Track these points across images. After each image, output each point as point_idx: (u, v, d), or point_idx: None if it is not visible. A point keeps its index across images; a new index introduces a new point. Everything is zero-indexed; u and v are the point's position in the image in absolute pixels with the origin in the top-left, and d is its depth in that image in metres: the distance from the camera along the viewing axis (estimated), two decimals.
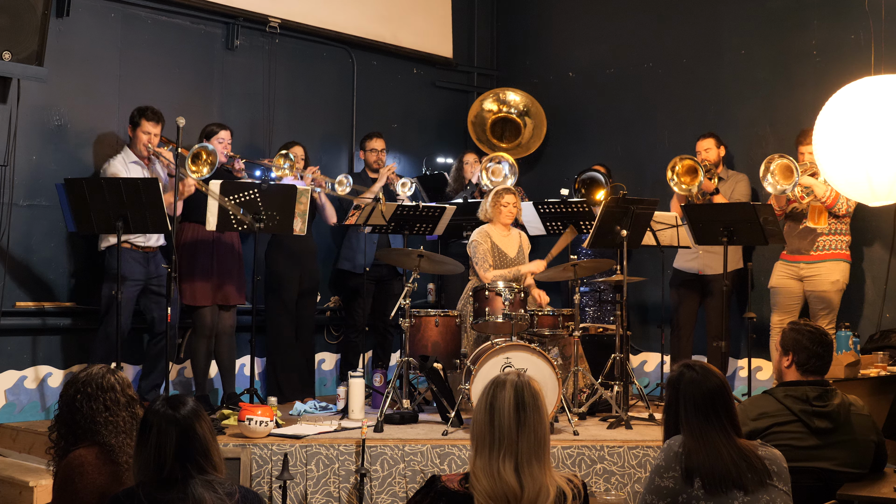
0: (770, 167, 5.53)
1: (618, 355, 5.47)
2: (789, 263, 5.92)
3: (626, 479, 4.67)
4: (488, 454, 2.35)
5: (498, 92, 7.71)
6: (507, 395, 2.38)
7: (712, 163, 6.25)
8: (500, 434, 2.35)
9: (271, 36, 6.66)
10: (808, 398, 3.30)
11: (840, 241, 5.81)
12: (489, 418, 2.37)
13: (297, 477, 4.60)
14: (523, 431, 2.35)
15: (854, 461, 3.28)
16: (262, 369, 6.36)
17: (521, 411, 2.36)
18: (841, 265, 5.80)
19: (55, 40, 5.43)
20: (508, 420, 2.35)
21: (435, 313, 5.53)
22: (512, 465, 2.33)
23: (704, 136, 6.34)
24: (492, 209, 5.83)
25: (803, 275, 5.85)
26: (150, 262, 5.44)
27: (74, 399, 2.86)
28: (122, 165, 5.36)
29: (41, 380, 5.50)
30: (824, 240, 5.80)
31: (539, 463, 2.35)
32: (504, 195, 5.83)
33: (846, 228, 5.84)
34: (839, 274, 5.78)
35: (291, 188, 5.50)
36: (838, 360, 4.88)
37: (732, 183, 6.26)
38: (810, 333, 3.38)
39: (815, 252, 5.80)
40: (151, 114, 5.42)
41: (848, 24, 6.21)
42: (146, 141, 5.40)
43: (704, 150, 6.30)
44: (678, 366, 2.88)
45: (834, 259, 5.79)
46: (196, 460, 2.48)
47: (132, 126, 5.44)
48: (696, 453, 2.70)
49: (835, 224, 5.79)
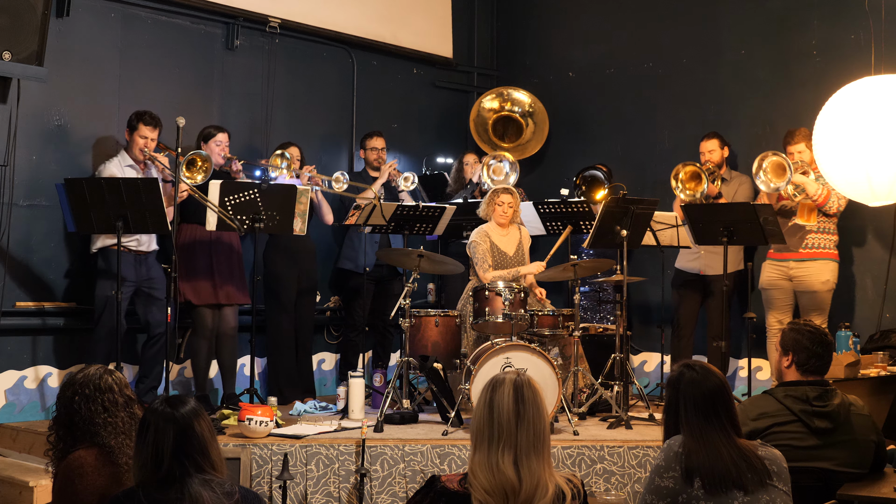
0: (763, 164, 5.54)
1: (618, 355, 5.47)
2: (777, 262, 5.92)
3: (626, 479, 4.67)
4: (487, 448, 2.35)
5: (503, 90, 7.70)
6: (506, 390, 2.39)
7: (716, 164, 6.24)
8: (500, 428, 2.35)
9: (271, 36, 6.67)
10: (808, 398, 3.30)
11: (828, 239, 5.81)
12: (488, 413, 2.38)
13: (297, 477, 4.60)
14: (522, 425, 2.35)
15: (854, 461, 3.29)
16: (263, 369, 6.36)
17: (519, 405, 2.37)
18: (830, 265, 5.80)
19: (55, 40, 5.43)
20: (507, 413, 2.36)
21: (435, 313, 5.53)
22: (511, 458, 2.33)
23: (708, 137, 6.33)
24: (486, 207, 5.85)
25: (792, 274, 5.85)
26: (142, 265, 5.41)
27: (72, 400, 2.85)
28: (117, 169, 5.35)
29: (41, 380, 5.50)
30: (813, 238, 5.80)
31: (538, 457, 2.35)
32: (500, 194, 5.83)
33: (834, 228, 5.84)
34: (829, 273, 5.78)
35: (291, 188, 5.50)
36: (838, 360, 4.88)
37: (736, 184, 6.25)
38: (810, 333, 3.38)
39: (803, 250, 5.80)
40: (149, 118, 5.41)
41: (848, 24, 6.21)
42: (142, 145, 5.39)
43: (708, 152, 6.28)
44: (678, 366, 2.89)
45: (823, 258, 5.79)
46: (194, 459, 2.48)
47: (129, 130, 5.43)
48: (696, 453, 2.70)
49: (823, 223, 5.79)
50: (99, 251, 5.37)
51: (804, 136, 5.83)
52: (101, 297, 5.30)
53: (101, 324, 5.31)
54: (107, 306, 5.27)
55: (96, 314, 5.35)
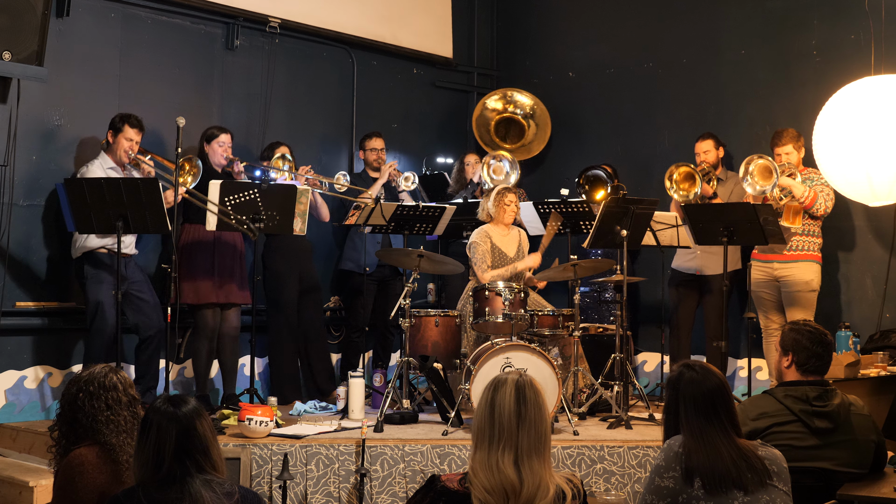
0: (749, 168, 5.55)
1: (618, 355, 5.48)
2: (762, 263, 5.92)
3: (626, 480, 4.68)
4: (487, 447, 2.36)
5: (506, 91, 7.70)
6: (508, 390, 2.40)
7: (711, 164, 6.25)
8: (501, 428, 2.36)
9: (271, 36, 6.67)
10: (808, 398, 3.30)
11: (812, 242, 5.82)
12: (489, 413, 2.39)
13: (297, 477, 4.61)
14: (524, 425, 2.36)
15: (854, 461, 3.29)
16: (263, 369, 6.37)
17: (521, 405, 2.37)
18: (814, 266, 5.81)
19: (55, 40, 5.44)
20: (509, 414, 2.36)
21: (435, 313, 5.54)
22: (511, 458, 2.33)
23: (703, 138, 6.34)
24: (495, 208, 5.84)
25: (777, 274, 5.86)
26: (126, 268, 5.26)
27: (76, 398, 2.87)
28: (100, 171, 5.28)
29: (41, 380, 5.51)
30: (797, 240, 5.80)
31: (539, 458, 2.35)
32: (506, 194, 5.84)
33: (818, 230, 5.84)
34: (812, 274, 5.79)
35: (291, 188, 5.50)
36: (838, 360, 4.89)
37: (731, 184, 6.25)
38: (810, 333, 3.39)
39: (787, 251, 5.81)
40: (135, 121, 5.36)
41: (848, 24, 6.22)
42: (128, 148, 5.34)
43: (703, 152, 6.29)
44: (678, 366, 2.89)
45: (807, 260, 5.80)
46: (195, 458, 2.49)
47: (113, 131, 5.36)
48: (696, 453, 2.71)
49: (808, 225, 5.80)
50: (84, 256, 5.29)
51: (791, 137, 5.86)
52: (94, 301, 5.24)
53: (94, 329, 5.26)
54: (99, 311, 5.22)
55: (89, 319, 5.29)
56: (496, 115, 7.66)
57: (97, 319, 5.24)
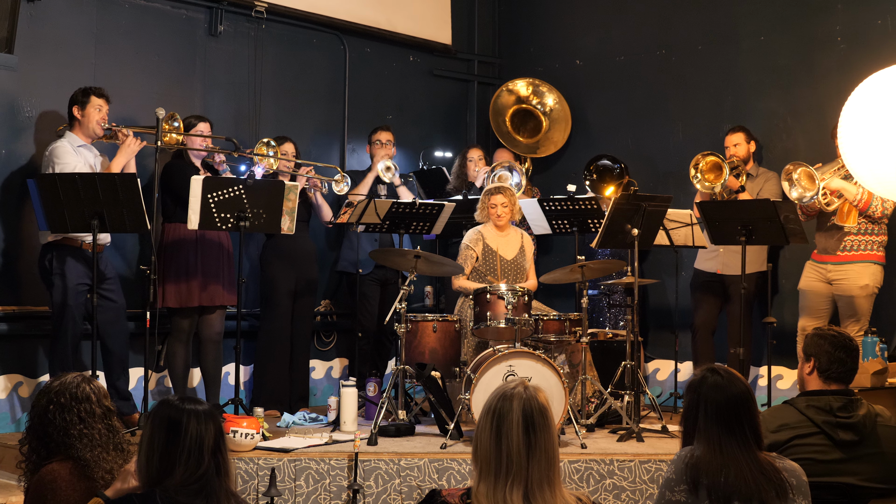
0: (792, 177, 5.49)
1: (629, 363, 5.48)
2: (817, 264, 5.90)
3: (637, 496, 4.68)
4: (494, 481, 2.32)
5: (536, 82, 7.68)
6: (514, 417, 2.34)
7: (741, 159, 6.25)
8: (509, 460, 2.31)
9: (257, 21, 6.67)
10: (831, 408, 3.30)
11: (872, 241, 5.77)
12: (495, 441, 2.34)
13: (286, 493, 4.61)
14: (534, 455, 2.32)
15: (881, 476, 3.29)
16: (248, 378, 6.36)
17: (530, 434, 2.33)
18: (871, 268, 5.76)
19: (26, 26, 5.45)
20: (518, 445, 2.32)
21: (433, 318, 5.53)
22: (521, 493, 2.30)
23: (734, 131, 6.35)
24: (480, 212, 5.90)
25: (830, 277, 5.83)
26: (98, 263, 5.09)
27: (47, 410, 2.86)
28: (70, 150, 5.20)
29: (11, 389, 5.50)
30: (853, 240, 5.77)
31: (550, 487, 2.32)
32: (493, 195, 5.86)
33: (880, 228, 5.79)
34: (869, 278, 5.74)
35: (279, 184, 5.50)
36: (864, 368, 4.88)
37: (761, 181, 6.24)
38: (833, 338, 3.39)
39: (841, 252, 5.78)
40: (100, 91, 5.32)
41: (874, 7, 6.22)
42: (99, 119, 5.29)
43: (734, 146, 6.30)
44: (701, 369, 2.87)
45: (863, 261, 5.75)
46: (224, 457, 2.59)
47: (79, 106, 5.29)
48: (710, 465, 2.71)
49: (866, 223, 5.77)
50: (48, 247, 5.17)
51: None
52: (59, 302, 5.16)
53: (62, 332, 5.18)
54: (65, 312, 5.15)
55: (54, 322, 5.22)
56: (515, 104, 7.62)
57: (66, 321, 5.16)
